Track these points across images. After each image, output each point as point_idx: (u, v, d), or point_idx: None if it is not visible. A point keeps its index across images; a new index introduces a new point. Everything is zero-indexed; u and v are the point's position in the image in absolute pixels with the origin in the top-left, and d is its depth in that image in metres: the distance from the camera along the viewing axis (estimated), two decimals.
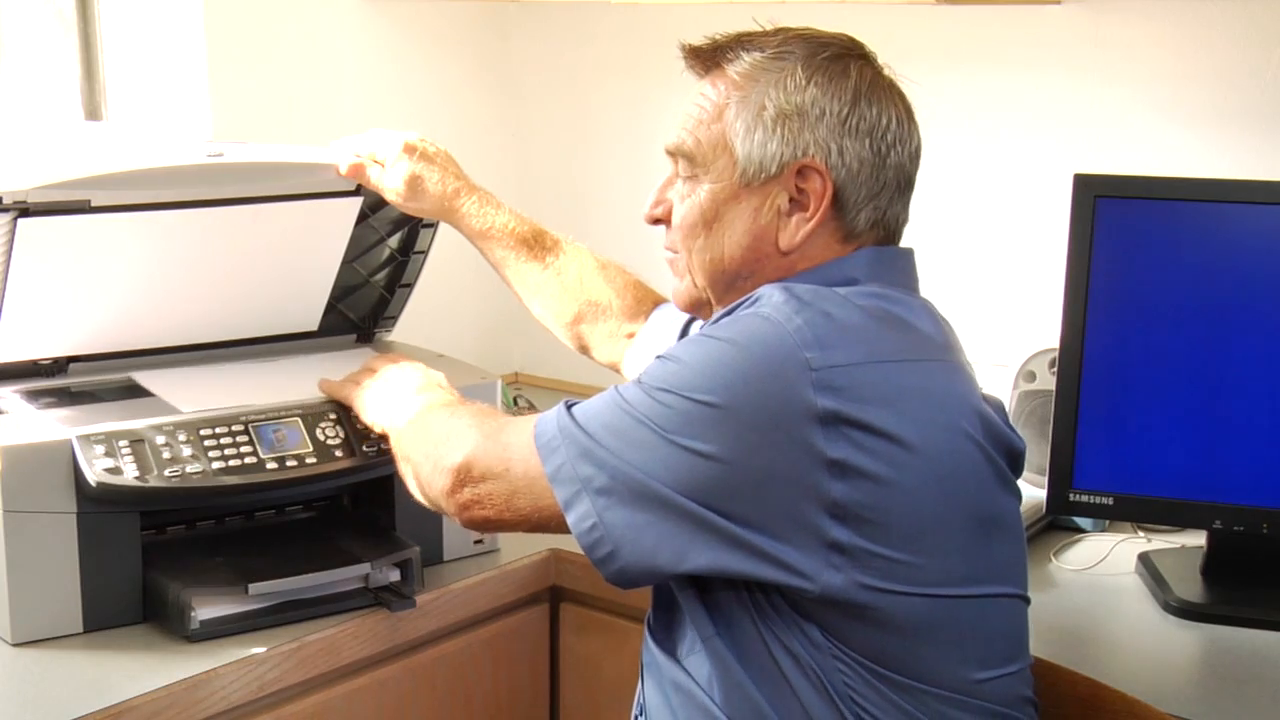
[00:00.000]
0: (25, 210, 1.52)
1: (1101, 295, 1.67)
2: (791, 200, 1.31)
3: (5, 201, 1.51)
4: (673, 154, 1.38)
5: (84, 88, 2.18)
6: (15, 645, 1.49)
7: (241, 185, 1.68)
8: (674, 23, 2.42)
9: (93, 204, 1.57)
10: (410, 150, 1.74)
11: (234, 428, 1.57)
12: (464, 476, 1.32)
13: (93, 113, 2.18)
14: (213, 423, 1.57)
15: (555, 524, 1.26)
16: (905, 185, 1.34)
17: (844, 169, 1.29)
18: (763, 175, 1.31)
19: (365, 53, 2.38)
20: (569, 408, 1.28)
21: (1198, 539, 1.77)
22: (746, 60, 1.33)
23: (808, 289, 1.24)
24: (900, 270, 1.35)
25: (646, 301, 1.77)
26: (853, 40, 1.34)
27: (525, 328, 1.82)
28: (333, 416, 1.63)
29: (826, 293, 1.24)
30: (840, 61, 1.31)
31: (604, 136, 2.55)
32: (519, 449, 1.29)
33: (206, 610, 1.51)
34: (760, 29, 1.36)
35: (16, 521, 1.47)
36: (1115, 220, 1.66)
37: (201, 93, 2.17)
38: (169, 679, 1.43)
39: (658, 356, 1.27)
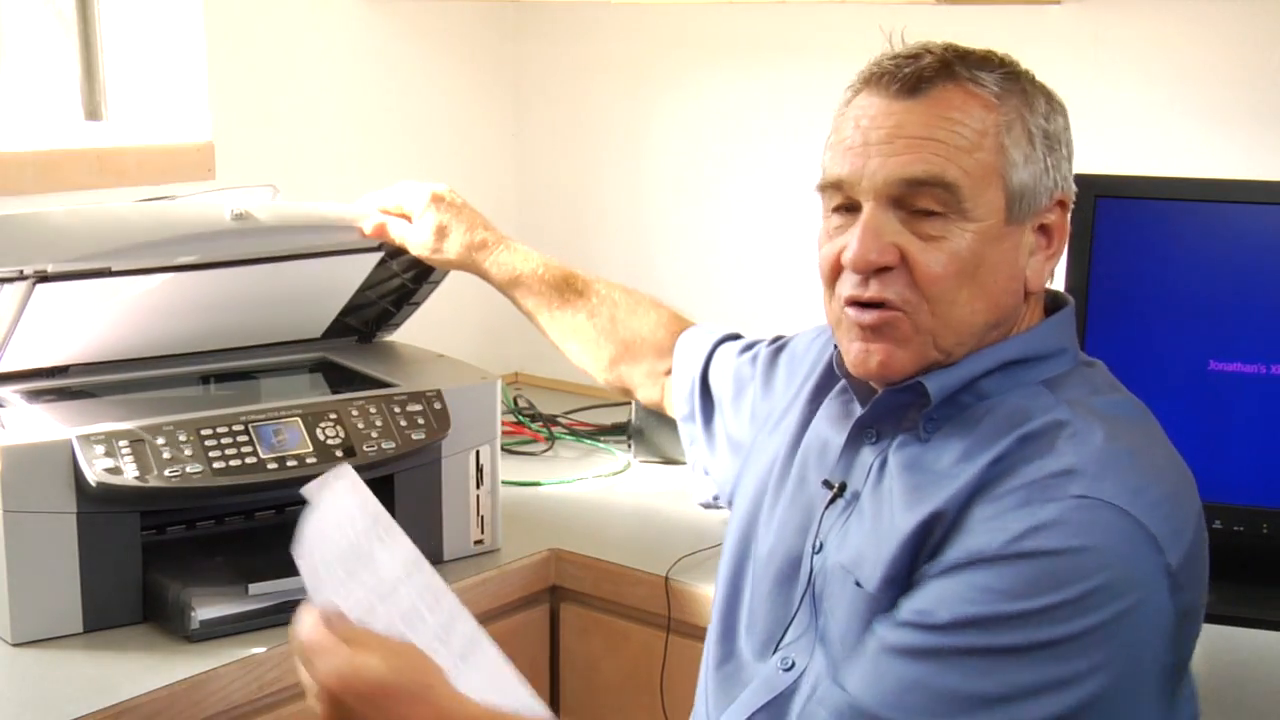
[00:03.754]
0: (44, 278, 1.52)
1: (1101, 295, 1.67)
2: (1035, 235, 1.20)
3: (26, 272, 1.51)
4: (919, 184, 1.15)
5: (84, 88, 2.18)
6: (15, 645, 1.49)
7: (263, 243, 1.67)
8: (674, 23, 2.43)
9: (113, 270, 1.57)
10: (438, 200, 1.72)
11: (234, 428, 1.57)
12: None
13: (93, 113, 2.18)
14: (213, 423, 1.57)
15: None
16: None
17: (1072, 200, 1.22)
18: (1030, 210, 1.17)
19: (365, 53, 2.38)
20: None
21: None
22: (984, 81, 1.17)
23: (1122, 452, 1.11)
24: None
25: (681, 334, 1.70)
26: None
27: (525, 328, 1.81)
28: (333, 416, 1.63)
29: (1140, 454, 1.12)
30: (1041, 83, 1.22)
31: (604, 136, 2.55)
32: None
33: (206, 610, 1.51)
34: (924, 44, 1.21)
35: (16, 521, 1.47)
36: (1115, 220, 1.66)
37: (201, 93, 2.17)
38: (169, 679, 1.43)
39: (954, 572, 1.09)
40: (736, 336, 1.65)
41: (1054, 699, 1.04)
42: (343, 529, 1.17)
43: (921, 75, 1.16)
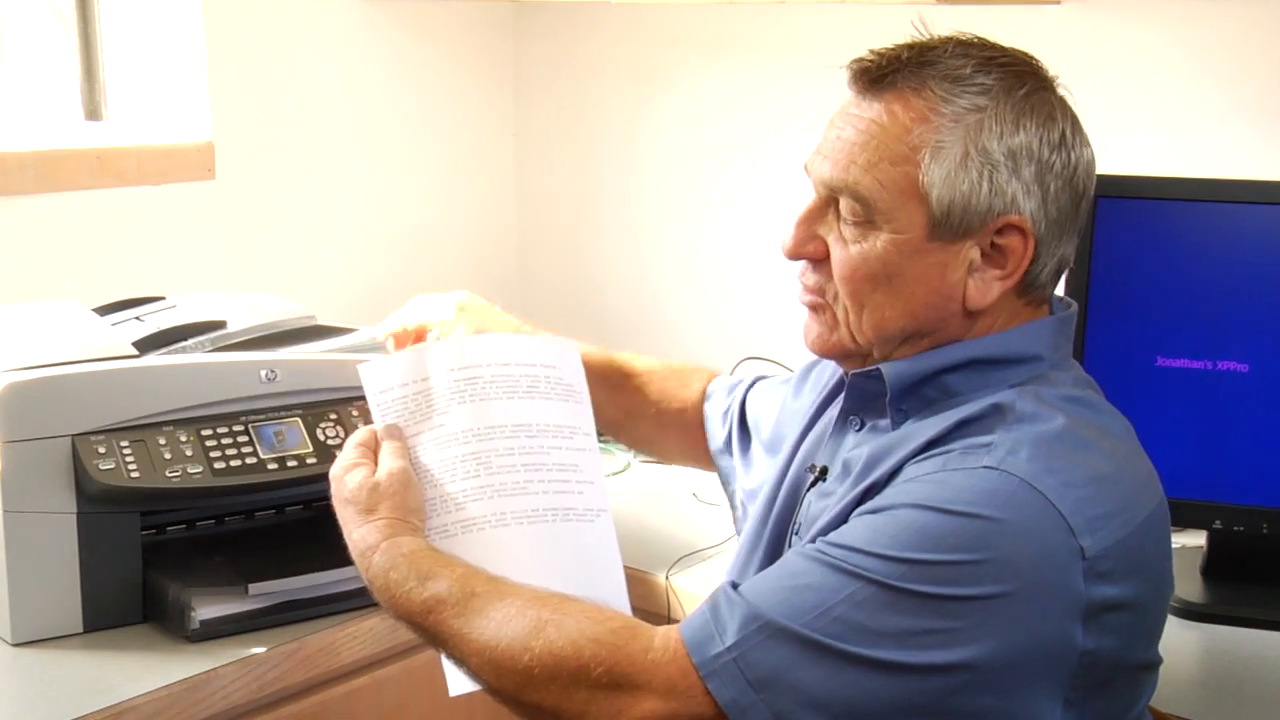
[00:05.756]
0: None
1: (1101, 295, 1.67)
2: (983, 254, 1.16)
3: (60, 434, 1.50)
4: (837, 190, 1.18)
5: (84, 88, 2.18)
6: (15, 645, 1.49)
7: (291, 398, 1.64)
8: (674, 23, 2.43)
9: (145, 424, 1.55)
10: (464, 311, 1.66)
11: (234, 427, 1.58)
12: None
13: (93, 113, 2.19)
14: (213, 423, 1.57)
15: None
16: (1084, 225, 1.23)
17: (1044, 221, 1.16)
18: (959, 231, 1.15)
19: (366, 53, 2.38)
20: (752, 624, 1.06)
21: (1198, 539, 1.77)
22: (937, 91, 1.14)
23: (1049, 434, 1.11)
24: (1070, 340, 1.24)
25: None
26: (1036, 62, 1.20)
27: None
28: (333, 416, 1.63)
29: (1069, 438, 1.11)
30: (1042, 96, 1.17)
31: (604, 136, 2.56)
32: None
33: (206, 610, 1.51)
34: (928, 40, 1.19)
35: (16, 521, 1.47)
36: (1115, 220, 1.66)
37: (201, 93, 2.17)
38: (169, 679, 1.43)
39: (860, 516, 1.11)
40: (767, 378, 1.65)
41: (920, 653, 1.03)
42: (442, 375, 1.32)
43: (879, 75, 1.17)
